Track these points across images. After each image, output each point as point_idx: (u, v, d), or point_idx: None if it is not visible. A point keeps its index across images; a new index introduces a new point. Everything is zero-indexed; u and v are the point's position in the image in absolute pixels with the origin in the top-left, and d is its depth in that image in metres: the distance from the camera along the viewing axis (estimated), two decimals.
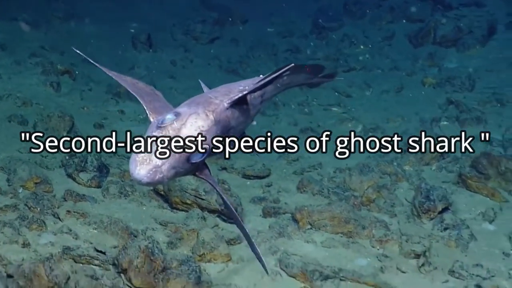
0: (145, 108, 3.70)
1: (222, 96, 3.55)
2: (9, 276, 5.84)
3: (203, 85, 4.58)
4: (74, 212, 7.56)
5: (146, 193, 8.44)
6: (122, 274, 6.42)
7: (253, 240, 4.14)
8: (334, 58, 15.15)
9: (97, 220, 7.42)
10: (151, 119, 3.56)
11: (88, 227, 7.34)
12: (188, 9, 16.90)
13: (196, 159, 3.23)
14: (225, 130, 3.46)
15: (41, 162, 8.83)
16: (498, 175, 9.38)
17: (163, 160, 3.08)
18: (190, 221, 7.73)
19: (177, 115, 3.22)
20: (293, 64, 3.73)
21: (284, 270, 6.93)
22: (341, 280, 6.86)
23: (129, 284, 6.33)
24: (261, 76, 4.11)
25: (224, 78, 13.41)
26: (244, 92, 3.58)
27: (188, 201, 8.11)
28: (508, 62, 14.36)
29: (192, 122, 3.20)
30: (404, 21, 17.06)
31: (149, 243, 6.53)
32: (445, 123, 11.75)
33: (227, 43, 15.69)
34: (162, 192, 8.33)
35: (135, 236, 7.14)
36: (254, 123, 4.27)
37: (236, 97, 3.53)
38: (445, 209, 8.52)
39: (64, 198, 7.92)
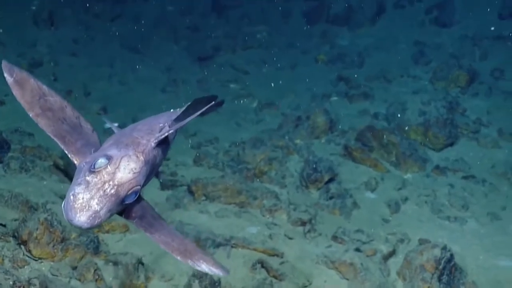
0: (67, 152, 3.54)
1: (147, 135, 3.50)
2: None
3: (110, 124, 4.55)
4: None
5: (46, 168, 8.39)
6: (22, 246, 6.38)
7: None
8: (233, 36, 15.16)
9: None
10: (75, 162, 3.45)
11: None
12: None
13: (130, 200, 3.22)
14: (152, 168, 3.49)
15: None
16: (381, 147, 9.79)
17: (101, 205, 3.03)
18: None
19: (109, 158, 3.15)
20: (219, 100, 3.88)
21: None
22: (232, 247, 7.11)
23: (29, 255, 6.32)
24: (176, 110, 4.27)
25: (126, 56, 13.45)
26: (170, 131, 3.58)
27: None
28: (395, 40, 14.69)
29: (125, 165, 3.15)
30: None
31: (48, 215, 6.55)
32: (335, 98, 12.03)
33: (128, 21, 15.53)
34: (62, 167, 8.33)
35: (35, 210, 7.06)
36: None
37: (162, 136, 3.52)
38: (331, 180, 8.89)
39: None
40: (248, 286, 6.69)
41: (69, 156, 3.50)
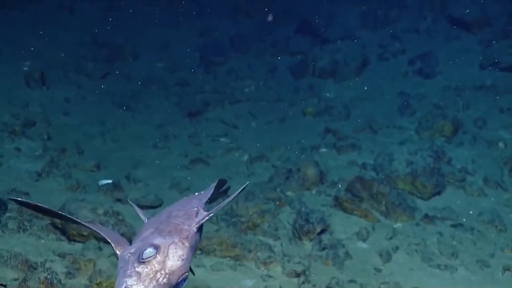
0: (110, 241, 3.51)
1: (186, 221, 3.48)
2: None
3: (139, 210, 4.40)
4: None
5: (44, 226, 8.40)
6: None
7: None
8: (221, 91, 15.28)
9: None
10: (117, 252, 3.41)
11: None
12: (79, 47, 16.66)
13: (181, 285, 3.19)
14: (194, 251, 3.44)
15: None
16: (370, 197, 9.88)
17: None
18: (87, 252, 7.74)
19: (157, 247, 3.10)
20: (248, 182, 3.95)
21: None
22: None
23: None
24: (200, 192, 4.22)
25: (117, 114, 13.53)
26: (210, 214, 3.57)
27: (85, 233, 8.11)
28: (380, 91, 14.84)
29: (174, 253, 3.12)
30: (285, 55, 17.33)
31: (48, 274, 6.59)
32: (324, 150, 12.11)
33: (118, 78, 15.63)
34: (59, 225, 8.35)
35: (35, 269, 7.02)
36: None
37: (203, 220, 3.52)
38: (323, 231, 8.96)
39: None
40: None
41: (113, 246, 3.45)
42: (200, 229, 3.66)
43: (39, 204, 3.80)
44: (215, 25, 19.38)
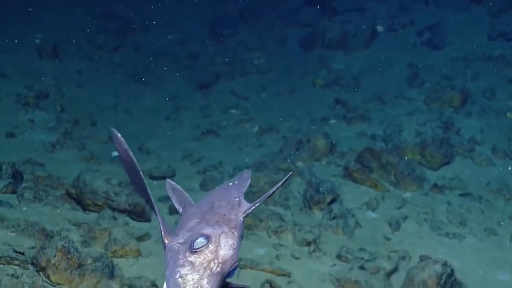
0: (162, 228, 3.35)
1: (231, 210, 3.37)
2: None
3: (174, 200, 4.00)
4: None
5: (59, 196, 8.48)
6: (41, 272, 6.47)
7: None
8: (232, 63, 15.27)
9: (14, 223, 7.35)
10: (165, 241, 3.30)
11: (6, 231, 7.25)
12: (90, 19, 16.68)
13: (231, 275, 3.09)
14: (241, 241, 3.28)
15: None
16: (380, 168, 9.94)
17: (211, 284, 2.89)
18: (102, 221, 7.85)
19: (207, 237, 3.03)
20: (291, 172, 3.92)
21: None
22: (241, 268, 7.22)
23: (48, 281, 6.41)
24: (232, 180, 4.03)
25: (129, 86, 13.57)
26: (257, 204, 3.42)
27: (99, 203, 8.22)
28: (389, 62, 14.77)
29: (225, 242, 3.00)
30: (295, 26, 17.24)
31: (65, 242, 6.63)
32: (334, 121, 12.13)
33: (130, 51, 15.65)
34: (74, 195, 8.45)
35: (51, 237, 7.10)
36: None
37: (250, 210, 3.41)
38: (333, 200, 9.04)
39: None
40: None
41: (162, 234, 3.36)
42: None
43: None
44: None
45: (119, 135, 3.61)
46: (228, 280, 3.09)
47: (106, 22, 16.76)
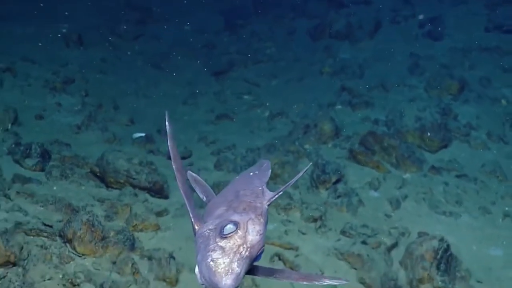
0: (192, 215, 3.40)
1: (256, 198, 3.38)
2: None
3: (199, 191, 4.08)
4: (23, 193, 7.57)
5: (84, 174, 8.55)
6: (67, 244, 6.58)
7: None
8: (245, 52, 15.26)
9: (43, 199, 7.49)
10: (196, 227, 3.35)
11: (35, 205, 7.39)
12: (113, 10, 16.65)
13: (258, 259, 3.15)
14: (266, 226, 3.34)
15: None
16: (382, 150, 9.94)
17: (241, 267, 2.94)
18: (124, 198, 7.95)
19: (236, 224, 3.06)
20: (311, 163, 3.91)
21: None
22: None
23: (74, 252, 6.53)
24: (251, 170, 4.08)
25: (149, 73, 13.59)
26: (280, 192, 3.43)
27: (121, 181, 8.30)
28: (392, 52, 14.68)
29: (253, 228, 3.04)
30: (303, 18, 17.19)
31: (90, 216, 6.72)
32: (340, 107, 12.07)
33: (150, 40, 15.65)
34: (98, 174, 8.53)
35: (77, 212, 7.19)
36: None
37: (274, 198, 3.43)
38: (338, 180, 9.06)
39: (13, 181, 7.90)
40: None
41: (192, 219, 3.39)
42: None
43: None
44: None
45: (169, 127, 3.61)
46: (255, 263, 3.16)
47: (127, 13, 16.73)
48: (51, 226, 6.87)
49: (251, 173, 3.90)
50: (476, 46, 14.04)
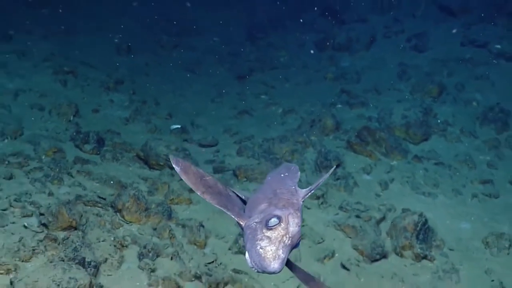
0: (232, 216, 3.38)
1: (292, 196, 3.42)
2: (41, 214, 6.18)
3: (238, 192, 3.95)
4: (82, 171, 7.75)
5: (131, 158, 8.66)
6: (117, 213, 6.76)
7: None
8: (262, 60, 15.26)
9: (98, 177, 7.66)
10: (241, 223, 3.35)
11: (92, 182, 7.57)
12: (156, 25, 16.63)
13: (297, 247, 3.19)
14: (302, 219, 3.40)
15: (56, 137, 8.87)
16: (374, 142, 9.94)
17: (285, 254, 3.00)
18: (163, 177, 8.08)
19: (279, 217, 3.09)
20: (335, 166, 3.88)
21: None
22: None
23: (123, 220, 6.70)
24: (285, 173, 3.98)
25: (184, 76, 13.63)
26: (312, 190, 3.52)
27: (161, 163, 8.44)
28: (384, 62, 14.61)
29: (293, 221, 3.09)
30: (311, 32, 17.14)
31: (136, 191, 6.89)
32: (340, 106, 12.10)
33: (185, 49, 15.65)
34: (142, 157, 8.65)
35: (125, 187, 7.37)
36: None
37: (308, 195, 3.50)
38: (337, 166, 9.09)
39: (74, 162, 8.06)
40: None
41: (235, 219, 3.36)
42: None
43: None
44: (258, 9, 19.15)
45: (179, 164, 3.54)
46: (294, 250, 3.24)
47: (168, 27, 16.75)
48: (104, 199, 7.04)
49: (282, 175, 3.90)
50: (454, 58, 13.94)
